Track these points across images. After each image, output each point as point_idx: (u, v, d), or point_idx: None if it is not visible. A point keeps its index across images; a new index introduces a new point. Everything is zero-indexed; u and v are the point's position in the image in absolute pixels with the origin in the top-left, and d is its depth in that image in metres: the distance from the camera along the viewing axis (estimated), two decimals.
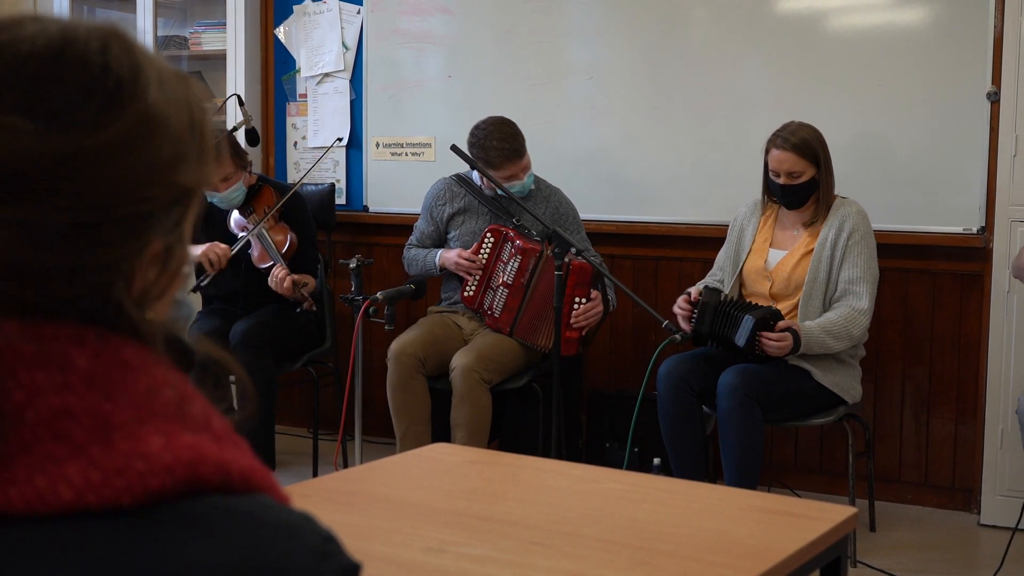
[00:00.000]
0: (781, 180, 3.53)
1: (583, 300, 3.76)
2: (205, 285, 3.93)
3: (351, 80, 4.85)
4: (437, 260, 4.02)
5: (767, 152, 3.57)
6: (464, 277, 3.96)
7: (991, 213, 3.80)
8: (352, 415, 3.49)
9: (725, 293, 3.55)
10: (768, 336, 3.35)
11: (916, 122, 3.91)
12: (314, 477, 4.03)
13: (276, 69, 5.03)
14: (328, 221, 4.59)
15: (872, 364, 3.91)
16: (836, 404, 3.52)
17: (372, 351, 4.60)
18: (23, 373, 0.70)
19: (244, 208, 4.07)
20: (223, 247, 3.93)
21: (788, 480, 4.16)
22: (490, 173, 3.80)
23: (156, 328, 0.76)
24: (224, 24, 4.95)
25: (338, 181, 4.89)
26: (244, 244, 3.99)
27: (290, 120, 5.02)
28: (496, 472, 2.12)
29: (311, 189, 4.61)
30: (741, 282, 3.68)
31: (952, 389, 3.97)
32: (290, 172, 5.01)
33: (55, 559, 0.67)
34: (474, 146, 3.85)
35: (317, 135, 4.95)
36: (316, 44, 4.91)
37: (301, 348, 4.16)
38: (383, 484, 2.01)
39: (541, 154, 4.06)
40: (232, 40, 4.94)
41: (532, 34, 4.46)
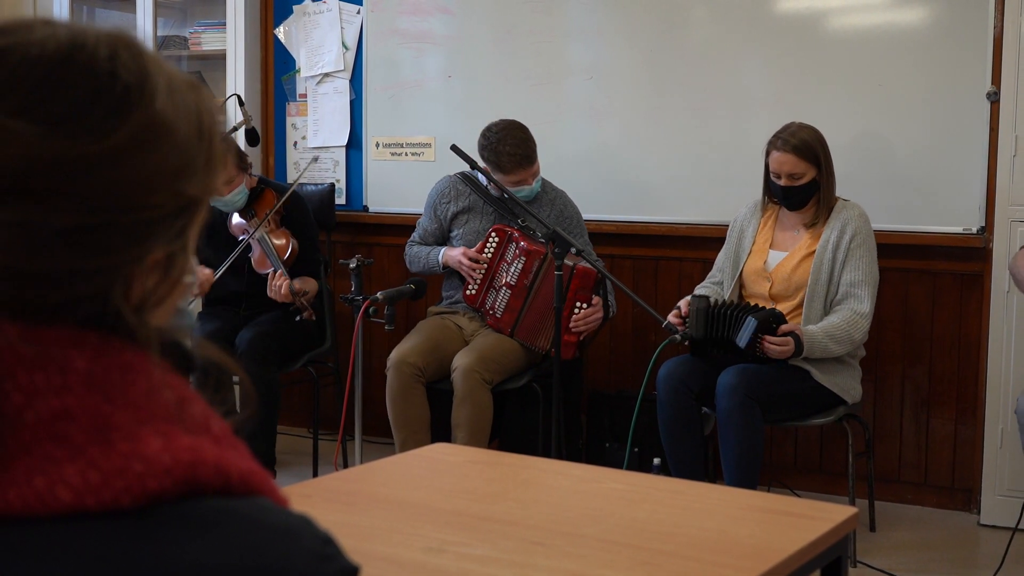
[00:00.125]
0: (782, 182, 3.53)
1: (584, 305, 3.76)
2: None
3: (351, 80, 4.85)
4: (440, 258, 4.01)
5: (768, 154, 3.57)
6: (467, 277, 3.96)
7: (991, 213, 3.80)
8: (352, 415, 3.49)
9: (712, 297, 3.55)
10: (770, 340, 3.35)
11: (916, 122, 3.91)
12: (314, 477, 4.03)
13: (276, 69, 5.02)
14: (328, 221, 4.59)
15: (872, 364, 3.91)
16: (836, 404, 3.52)
17: (372, 351, 4.60)
18: (22, 375, 0.70)
19: (245, 211, 4.06)
20: (207, 272, 3.93)
21: (788, 480, 4.16)
22: (495, 176, 3.80)
23: (155, 333, 0.76)
24: (224, 24, 4.95)
25: (338, 181, 4.89)
26: (244, 248, 3.98)
27: (290, 120, 5.02)
28: (496, 472, 2.12)
29: (311, 189, 4.60)
30: (741, 283, 3.68)
31: (952, 389, 3.98)
32: (290, 172, 5.01)
33: (54, 560, 0.67)
34: (485, 148, 3.84)
35: (317, 135, 4.95)
36: (316, 44, 4.91)
37: (301, 348, 4.16)
38: (383, 484, 2.01)
39: (541, 154, 4.05)
40: (232, 40, 4.94)
41: (532, 34, 4.46)
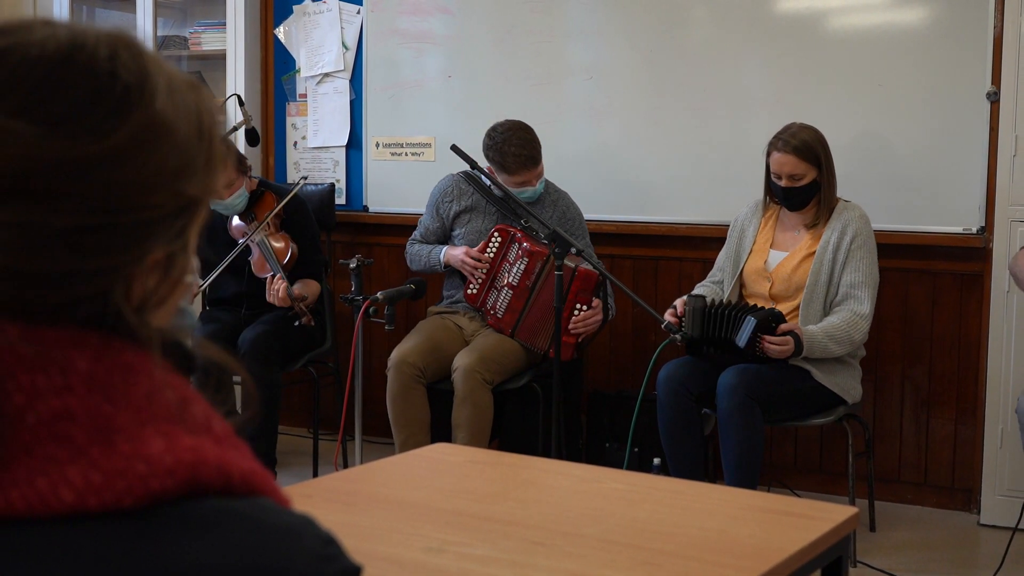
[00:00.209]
0: (783, 182, 3.53)
1: (584, 307, 3.76)
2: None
3: (351, 80, 4.85)
4: (442, 257, 4.01)
5: (768, 154, 3.57)
6: (468, 276, 3.95)
7: (991, 213, 3.80)
8: (352, 415, 3.49)
9: (709, 297, 3.55)
10: (770, 339, 3.35)
11: (916, 122, 3.91)
12: (314, 477, 4.03)
13: (276, 69, 5.02)
14: (328, 221, 4.59)
15: (872, 364, 3.91)
16: (836, 404, 3.52)
17: (372, 351, 4.60)
18: (23, 376, 0.70)
19: (245, 214, 4.06)
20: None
21: (788, 480, 4.16)
22: (499, 176, 3.80)
23: (157, 333, 0.76)
24: (224, 24, 4.95)
25: (338, 181, 4.89)
26: (244, 250, 3.98)
27: (290, 120, 5.02)
28: (497, 472, 2.12)
29: (311, 189, 4.60)
30: (741, 282, 3.68)
31: (952, 389, 3.98)
32: (290, 172, 5.01)
33: (56, 561, 0.67)
34: (491, 148, 3.84)
35: (317, 135, 4.95)
36: (316, 44, 4.91)
37: (302, 348, 4.16)
38: (384, 484, 2.01)
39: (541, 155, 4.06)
40: (232, 40, 4.94)
41: (532, 34, 4.46)
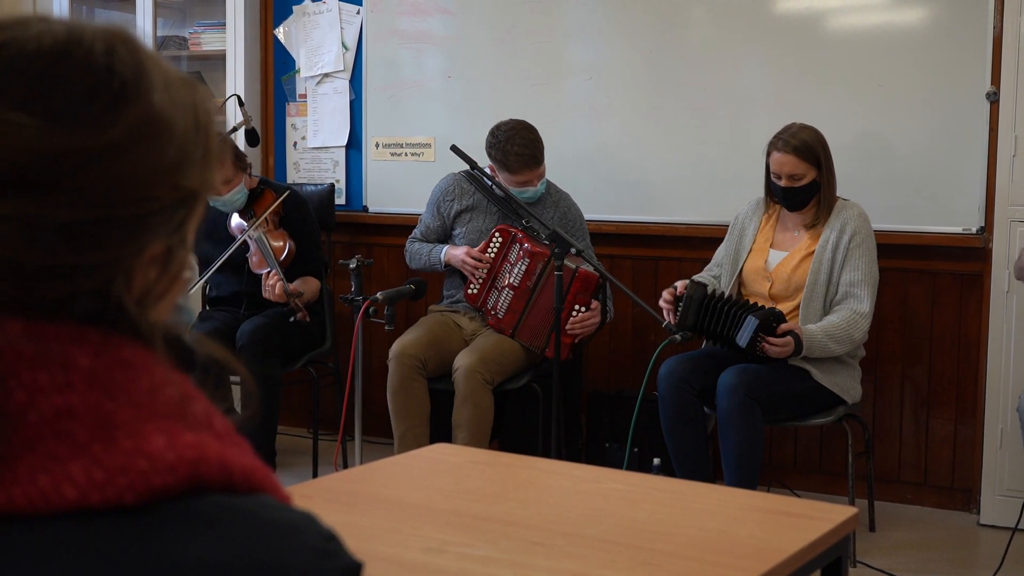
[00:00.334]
0: (782, 183, 3.53)
1: (582, 309, 3.76)
2: None
3: (351, 80, 4.85)
4: (442, 256, 4.01)
5: (768, 154, 3.57)
6: (469, 276, 3.95)
7: (990, 213, 3.80)
8: (352, 415, 3.49)
9: (711, 287, 3.54)
10: (770, 340, 3.35)
11: (916, 122, 3.91)
12: (314, 477, 4.03)
13: (276, 69, 5.02)
14: (328, 221, 4.59)
15: (872, 364, 3.91)
16: (836, 404, 3.52)
17: (372, 351, 4.60)
18: (25, 373, 0.70)
19: (245, 211, 4.07)
20: None
21: (788, 480, 4.16)
22: (501, 175, 3.80)
23: (157, 329, 0.76)
24: (223, 24, 4.95)
25: (338, 181, 4.89)
26: (243, 248, 3.98)
27: (290, 120, 5.02)
28: (497, 472, 2.12)
29: (311, 189, 4.60)
30: (741, 282, 3.68)
31: (952, 389, 3.98)
32: (290, 172, 5.01)
33: (59, 558, 0.67)
34: (493, 147, 3.84)
35: (317, 135, 4.95)
36: (316, 44, 4.91)
37: (301, 348, 4.16)
38: (384, 484, 2.01)
39: None
40: (232, 40, 4.94)
41: (531, 34, 4.46)
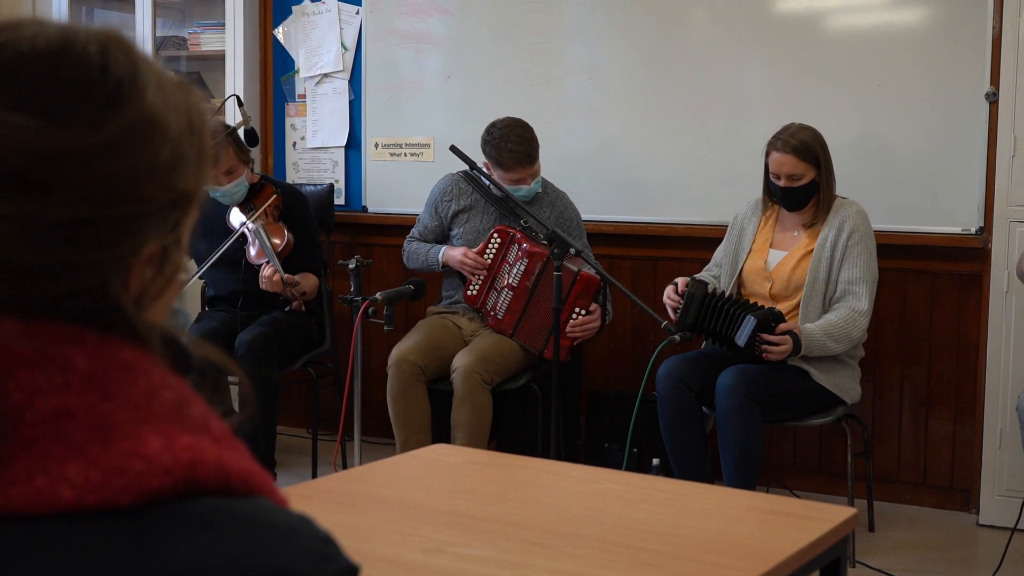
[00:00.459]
0: (781, 182, 3.53)
1: (583, 311, 3.76)
2: None
3: (350, 81, 4.85)
4: (440, 257, 4.01)
5: (767, 155, 3.57)
6: (467, 276, 3.95)
7: (989, 213, 3.80)
8: (351, 415, 3.49)
9: (713, 286, 3.54)
10: (769, 339, 3.35)
11: (915, 122, 3.91)
12: (313, 478, 4.03)
13: (275, 70, 5.02)
14: (327, 222, 4.59)
15: (871, 364, 3.91)
16: (835, 404, 3.52)
17: (371, 352, 4.60)
18: (22, 373, 0.70)
19: (244, 205, 4.07)
20: None
21: (787, 480, 4.16)
22: (495, 173, 3.81)
23: (153, 330, 0.76)
24: (223, 25, 4.95)
25: (337, 182, 4.89)
26: (241, 243, 3.99)
27: (289, 120, 5.02)
28: (496, 473, 2.12)
29: (310, 190, 4.60)
30: (740, 282, 3.68)
31: (951, 389, 3.98)
32: (289, 173, 5.01)
33: (55, 559, 0.67)
34: (488, 144, 3.85)
35: (316, 136, 4.95)
36: (315, 45, 4.91)
37: (300, 349, 4.16)
38: (383, 485, 2.01)
39: (540, 155, 4.06)
40: (231, 41, 4.93)
41: (531, 34, 4.46)
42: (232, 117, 4.61)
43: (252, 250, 4.02)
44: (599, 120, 4.37)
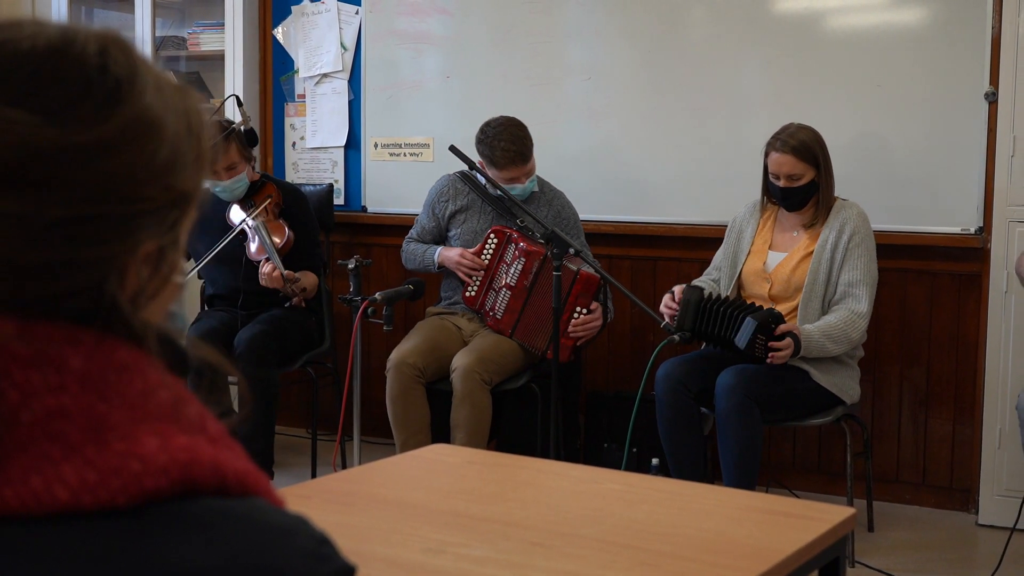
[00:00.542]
0: (781, 183, 3.53)
1: (584, 311, 3.76)
2: None
3: (349, 81, 4.85)
4: (436, 257, 4.01)
5: (766, 155, 3.57)
6: (463, 279, 3.95)
7: (989, 213, 3.80)
8: (351, 415, 3.49)
9: (708, 290, 3.54)
10: (773, 345, 3.34)
11: (914, 122, 3.91)
12: (313, 478, 4.03)
13: (274, 70, 5.03)
14: (326, 221, 4.59)
15: (870, 364, 3.91)
16: (834, 404, 3.52)
17: (370, 351, 4.60)
18: (18, 373, 0.70)
19: (245, 202, 4.07)
20: None
21: (786, 480, 4.16)
22: (489, 171, 3.81)
23: (150, 329, 0.76)
24: (222, 25, 4.95)
25: (336, 182, 4.89)
26: (240, 239, 3.99)
27: (288, 120, 5.02)
28: (495, 473, 2.12)
29: (309, 190, 4.60)
30: (740, 284, 3.68)
31: (950, 389, 3.98)
32: (288, 172, 5.01)
33: (51, 559, 0.67)
34: (482, 143, 3.86)
35: (316, 136, 4.95)
36: (314, 45, 4.91)
37: (300, 349, 4.16)
38: (382, 485, 2.01)
39: (539, 155, 4.06)
40: (230, 40, 4.93)
41: (530, 35, 4.46)
42: (232, 117, 4.61)
43: (252, 246, 4.02)
44: (599, 120, 4.37)
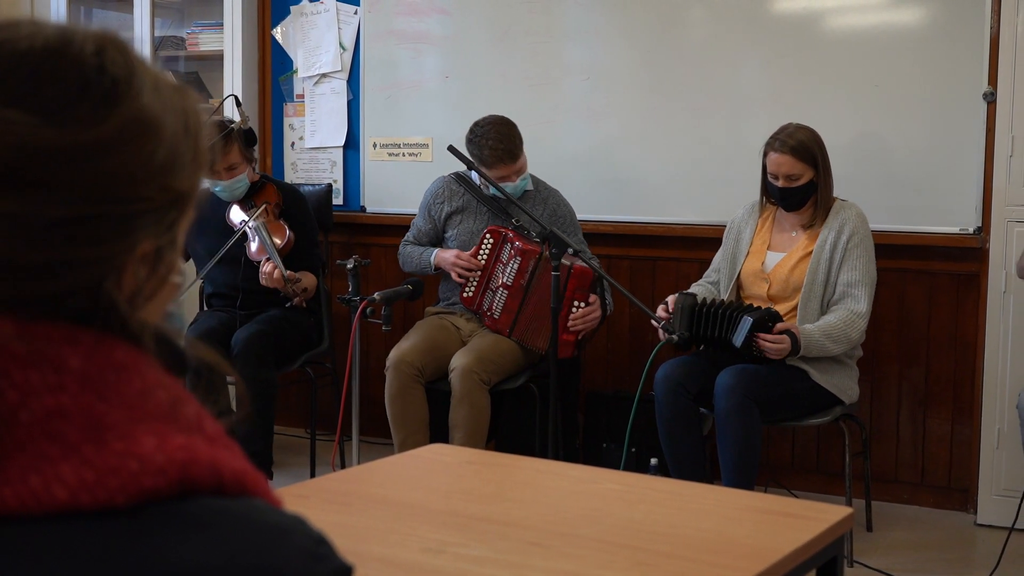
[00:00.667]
0: (779, 183, 3.53)
1: (582, 304, 3.76)
2: None
3: (348, 81, 4.85)
4: (432, 259, 4.02)
5: (765, 155, 3.57)
6: (457, 280, 3.95)
7: (987, 213, 3.80)
8: (349, 415, 3.49)
9: (702, 296, 3.54)
10: (765, 338, 3.35)
11: (913, 123, 3.92)
12: (312, 478, 4.03)
13: (273, 70, 5.02)
14: (325, 221, 4.59)
15: (869, 364, 3.91)
16: (833, 404, 3.52)
17: (369, 352, 4.60)
18: (17, 373, 0.70)
19: (245, 203, 4.07)
20: None
21: (785, 480, 4.16)
22: (483, 172, 3.81)
23: (147, 329, 0.76)
24: (221, 25, 4.95)
25: (335, 182, 4.89)
26: (241, 238, 3.99)
27: (287, 121, 5.02)
28: (494, 473, 2.12)
29: (308, 190, 4.60)
30: (739, 284, 3.68)
31: (949, 389, 3.98)
32: (287, 173, 5.01)
33: (49, 558, 0.67)
34: (471, 143, 3.87)
35: (314, 136, 4.95)
36: (313, 45, 4.91)
37: (299, 349, 4.16)
38: (381, 485, 2.01)
39: (538, 154, 4.06)
40: (229, 41, 4.94)
41: (529, 34, 4.46)
42: (231, 117, 4.61)
43: (252, 246, 4.02)
44: (598, 120, 4.37)
